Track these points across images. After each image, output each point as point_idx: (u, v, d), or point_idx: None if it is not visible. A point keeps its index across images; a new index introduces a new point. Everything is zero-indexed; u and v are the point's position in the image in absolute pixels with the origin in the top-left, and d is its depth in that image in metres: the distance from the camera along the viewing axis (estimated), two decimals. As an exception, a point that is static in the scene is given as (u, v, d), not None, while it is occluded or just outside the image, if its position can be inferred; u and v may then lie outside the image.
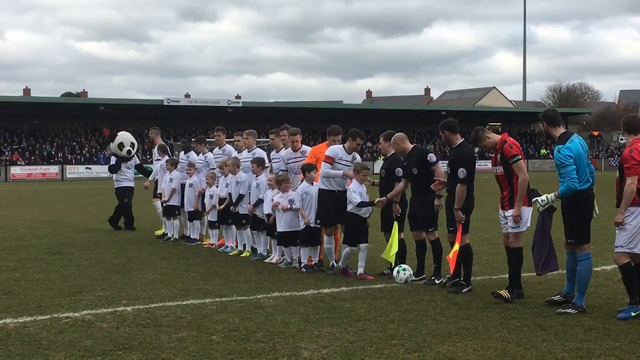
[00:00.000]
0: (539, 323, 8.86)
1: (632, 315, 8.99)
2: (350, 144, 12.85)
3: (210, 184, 16.04)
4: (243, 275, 12.39)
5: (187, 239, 17.06)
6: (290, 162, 13.99)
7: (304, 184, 13.12)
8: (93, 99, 78.92)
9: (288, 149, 14.15)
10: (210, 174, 16.29)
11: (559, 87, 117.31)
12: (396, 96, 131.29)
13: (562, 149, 9.65)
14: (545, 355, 7.48)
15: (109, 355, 7.65)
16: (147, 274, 12.54)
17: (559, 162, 9.65)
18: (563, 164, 9.60)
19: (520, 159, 10.25)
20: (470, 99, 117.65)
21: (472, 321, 8.98)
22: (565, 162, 9.58)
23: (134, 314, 9.52)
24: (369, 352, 7.65)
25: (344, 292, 10.85)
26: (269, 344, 8.00)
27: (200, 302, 10.19)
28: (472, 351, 7.65)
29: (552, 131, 10.00)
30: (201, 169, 17.01)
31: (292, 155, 14.00)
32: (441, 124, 11.39)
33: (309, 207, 12.94)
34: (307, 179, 13.11)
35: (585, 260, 9.72)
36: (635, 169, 9.08)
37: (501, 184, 10.45)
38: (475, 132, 10.69)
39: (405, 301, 10.18)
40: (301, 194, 13.01)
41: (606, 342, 7.99)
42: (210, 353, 7.68)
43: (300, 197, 12.99)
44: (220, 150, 16.69)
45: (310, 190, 13.00)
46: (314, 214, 12.86)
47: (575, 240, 9.71)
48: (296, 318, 9.19)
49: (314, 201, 12.90)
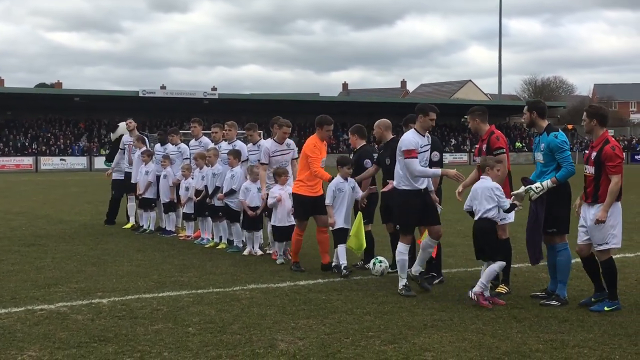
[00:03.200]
0: (514, 315, 8.92)
1: (605, 309, 9.06)
2: (425, 122, 10.47)
3: (186, 175, 15.99)
4: (219, 267, 12.36)
5: (163, 230, 16.99)
6: (277, 154, 13.53)
7: (337, 179, 11.80)
8: (68, 90, 78.23)
9: (271, 141, 13.75)
10: (185, 165, 16.24)
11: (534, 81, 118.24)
12: (372, 89, 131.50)
13: (559, 135, 9.75)
14: (520, 347, 7.53)
15: (84, 347, 7.61)
16: (123, 266, 12.49)
17: (555, 146, 9.70)
18: (561, 149, 9.70)
19: (503, 151, 10.31)
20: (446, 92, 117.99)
21: (448, 313, 9.02)
22: (563, 147, 9.72)
23: (110, 306, 9.48)
24: (345, 344, 7.67)
25: (320, 284, 10.86)
26: (245, 335, 8.00)
27: (177, 294, 10.16)
28: (447, 343, 7.69)
29: (539, 122, 10.04)
30: (174, 159, 16.95)
31: (278, 147, 13.59)
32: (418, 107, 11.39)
33: (340, 207, 11.75)
34: (342, 174, 11.80)
35: (564, 250, 9.81)
36: (620, 167, 9.13)
37: None
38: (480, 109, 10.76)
39: (381, 293, 10.22)
40: (334, 190, 11.71)
41: (580, 333, 8.06)
42: (187, 345, 7.67)
43: (332, 194, 11.71)
44: (197, 142, 16.65)
45: (344, 187, 11.76)
46: (344, 214, 11.74)
47: (557, 229, 9.78)
48: (272, 310, 9.19)
49: (348, 199, 11.78)
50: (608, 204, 9.07)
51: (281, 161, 13.49)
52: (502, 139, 10.48)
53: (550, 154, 9.78)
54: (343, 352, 7.38)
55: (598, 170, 9.18)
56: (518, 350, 7.41)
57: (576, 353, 7.33)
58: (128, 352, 7.43)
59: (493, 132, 10.49)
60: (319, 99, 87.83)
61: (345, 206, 11.75)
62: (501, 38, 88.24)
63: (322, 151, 12.17)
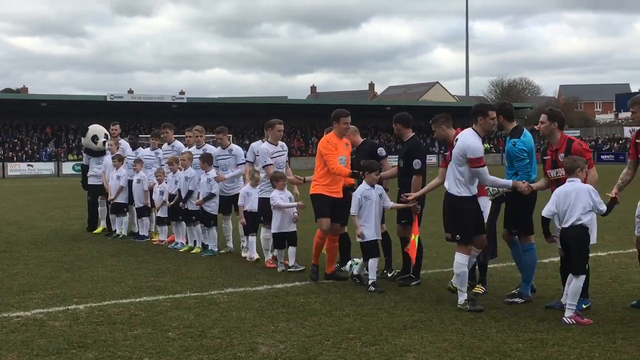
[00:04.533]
0: (492, 315, 8.96)
1: (583, 307, 9.14)
2: (486, 123, 9.71)
3: (160, 180, 15.90)
4: (195, 271, 12.31)
5: (136, 235, 16.88)
6: (274, 156, 13.05)
7: (364, 186, 10.88)
8: (34, 95, 77.68)
9: (266, 143, 13.22)
10: (159, 170, 16.16)
11: (500, 82, 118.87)
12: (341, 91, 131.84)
13: (518, 143, 9.83)
14: (501, 346, 7.57)
15: (63, 354, 7.54)
16: (98, 272, 12.39)
17: (514, 155, 9.79)
18: (518, 157, 9.79)
19: None
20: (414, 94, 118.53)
21: (427, 314, 9.05)
22: (520, 156, 9.80)
23: (87, 312, 9.40)
24: (327, 347, 7.66)
25: (297, 287, 10.85)
26: (225, 339, 7.97)
27: (154, 299, 10.10)
28: (428, 343, 7.72)
29: (506, 125, 10.11)
30: (151, 164, 16.87)
31: (275, 149, 13.16)
32: (395, 116, 11.47)
33: (368, 216, 10.81)
34: (369, 180, 10.87)
35: (530, 250, 9.90)
36: (592, 160, 9.26)
37: None
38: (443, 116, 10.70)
39: (359, 295, 10.23)
40: (359, 198, 10.77)
41: (559, 332, 8.12)
42: (167, 350, 7.62)
43: (358, 203, 10.78)
44: (170, 147, 16.61)
45: (371, 194, 10.80)
46: (373, 224, 10.82)
47: (519, 230, 9.86)
48: (251, 313, 9.16)
49: (375, 208, 10.83)
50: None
51: (278, 162, 13.09)
52: None
53: (510, 160, 9.91)
54: (325, 355, 7.37)
55: None
56: (498, 350, 7.44)
57: (556, 351, 7.38)
58: (108, 358, 7.37)
59: None
60: (287, 101, 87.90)
61: (374, 215, 10.79)
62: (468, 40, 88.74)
63: (337, 147, 11.41)
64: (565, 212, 8.80)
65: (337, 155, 11.33)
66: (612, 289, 10.44)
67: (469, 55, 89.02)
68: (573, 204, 8.75)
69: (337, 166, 11.22)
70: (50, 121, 72.81)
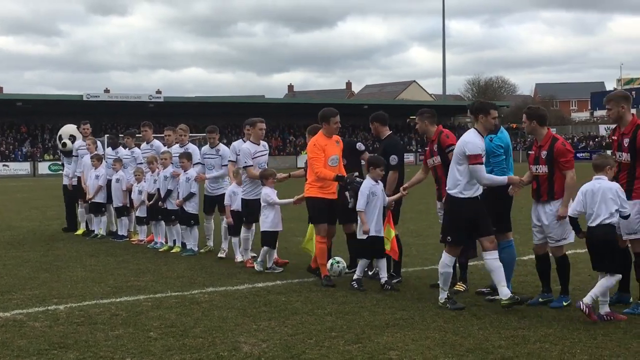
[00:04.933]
0: (474, 312, 8.99)
1: (564, 304, 9.19)
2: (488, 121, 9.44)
3: (139, 179, 15.82)
4: (175, 271, 12.26)
5: (115, 235, 16.79)
6: (256, 156, 12.87)
7: (369, 182, 10.67)
8: (10, 95, 76.87)
9: (248, 142, 13.03)
10: (138, 169, 16.07)
11: (477, 81, 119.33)
12: (318, 90, 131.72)
13: (495, 139, 9.92)
14: (483, 343, 7.59)
15: (44, 354, 7.48)
16: (77, 272, 12.31)
17: (490, 151, 9.83)
18: (494, 153, 9.88)
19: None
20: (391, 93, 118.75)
21: (409, 312, 9.06)
22: (497, 152, 9.90)
23: (67, 312, 9.33)
24: (309, 345, 7.65)
25: (278, 286, 10.83)
26: (208, 339, 7.94)
27: (134, 299, 10.05)
28: (411, 341, 7.73)
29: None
30: (128, 164, 16.77)
31: (257, 148, 12.99)
32: (372, 115, 11.52)
33: (372, 212, 10.56)
34: (375, 175, 10.67)
35: (509, 247, 9.95)
36: (572, 161, 9.30)
37: (438, 175, 10.56)
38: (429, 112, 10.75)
39: (341, 293, 10.22)
40: (368, 194, 10.53)
41: (540, 329, 8.16)
42: (149, 350, 7.58)
43: (366, 199, 10.51)
44: (148, 146, 16.51)
45: (377, 190, 10.62)
46: (376, 219, 10.58)
47: (498, 228, 9.89)
48: (233, 313, 9.14)
49: (380, 204, 10.62)
50: (567, 200, 9.19)
51: (260, 162, 12.90)
52: (452, 136, 10.58)
53: (486, 156, 9.92)
54: (308, 353, 7.36)
55: (551, 168, 9.29)
56: (481, 347, 7.47)
57: (538, 348, 7.41)
58: (90, 359, 7.33)
59: (442, 132, 10.59)
60: (265, 100, 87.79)
61: (377, 211, 10.57)
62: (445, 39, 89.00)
63: (326, 148, 11.03)
64: (592, 211, 8.59)
65: (326, 157, 11.01)
66: (592, 285, 10.47)
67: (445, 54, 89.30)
68: (600, 204, 8.53)
69: (321, 170, 10.95)
70: (26, 121, 72.27)
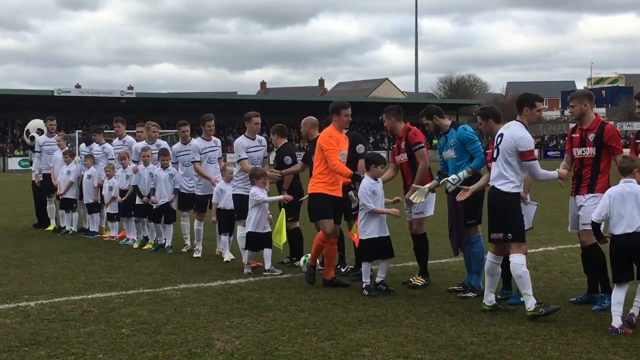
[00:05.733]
0: (446, 309, 9.03)
1: (521, 300, 9.22)
2: (533, 114, 8.97)
3: (110, 175, 15.71)
4: (147, 267, 12.21)
5: (86, 231, 16.67)
6: (250, 150, 12.56)
7: (368, 180, 10.23)
8: (-22, 90, 76.12)
9: (242, 136, 12.85)
10: (109, 165, 15.96)
11: (449, 79, 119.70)
12: (291, 87, 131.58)
13: (467, 127, 10.09)
14: (455, 340, 7.63)
15: (15, 351, 7.41)
16: (48, 268, 12.21)
17: (467, 139, 9.94)
18: (472, 140, 9.99)
19: (423, 146, 10.47)
20: (363, 90, 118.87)
21: (381, 309, 9.08)
22: (474, 138, 10.02)
23: (38, 308, 9.26)
24: (282, 342, 7.65)
25: (251, 283, 10.82)
26: (180, 335, 7.90)
27: (106, 296, 9.99)
28: (383, 338, 7.74)
29: (442, 122, 10.32)
30: (99, 159, 16.67)
31: (251, 143, 12.70)
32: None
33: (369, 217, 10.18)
34: (375, 174, 10.27)
35: (479, 241, 10.05)
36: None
37: (405, 172, 10.62)
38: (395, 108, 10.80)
39: (314, 290, 10.23)
40: (369, 193, 10.11)
41: (512, 325, 8.20)
42: (122, 346, 7.53)
43: (368, 198, 10.10)
44: (121, 142, 16.45)
45: (377, 188, 10.21)
46: (379, 220, 10.22)
47: (476, 220, 10.01)
48: (206, 309, 9.11)
49: (380, 202, 10.21)
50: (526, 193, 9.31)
51: (254, 158, 12.57)
52: (420, 134, 10.63)
53: (462, 147, 10.03)
54: (281, 350, 7.36)
55: None
56: (453, 344, 7.50)
57: (510, 345, 7.46)
58: (61, 355, 7.26)
59: (410, 129, 10.65)
60: (237, 97, 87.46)
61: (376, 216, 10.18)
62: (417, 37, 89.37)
63: (339, 142, 10.54)
64: (621, 216, 8.01)
65: (339, 150, 10.49)
66: (562, 282, 10.59)
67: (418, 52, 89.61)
68: (633, 208, 7.97)
69: (338, 164, 10.38)
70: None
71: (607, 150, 9.02)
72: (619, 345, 7.38)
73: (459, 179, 9.76)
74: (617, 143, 9.09)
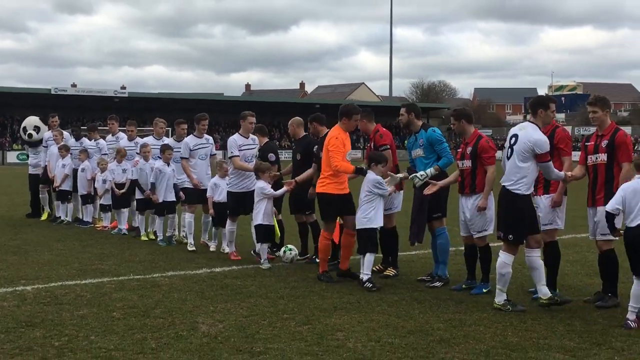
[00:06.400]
0: (415, 297, 9.06)
1: (483, 291, 9.31)
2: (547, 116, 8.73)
3: (103, 169, 15.63)
4: (137, 255, 12.15)
5: (80, 221, 16.57)
6: (243, 148, 12.24)
7: (373, 174, 9.92)
8: (-21, 87, 75.48)
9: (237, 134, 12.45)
10: (102, 159, 15.88)
11: (421, 84, 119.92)
12: (273, 89, 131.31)
13: (436, 130, 10.22)
14: (423, 326, 7.66)
15: (12, 332, 7.37)
16: (44, 255, 12.13)
17: (436, 140, 10.06)
18: (440, 141, 10.12)
19: (388, 148, 10.50)
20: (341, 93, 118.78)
21: (355, 296, 9.10)
22: (442, 140, 10.19)
23: (34, 293, 9.20)
24: (263, 326, 7.65)
25: (235, 271, 10.80)
26: (168, 319, 7.89)
27: (99, 281, 9.94)
28: (357, 323, 7.76)
29: (415, 122, 10.38)
30: (92, 154, 16.58)
31: (245, 141, 12.35)
32: (310, 117, 11.59)
33: (377, 205, 9.89)
34: (377, 172, 9.93)
35: (444, 233, 10.14)
36: (494, 158, 9.50)
37: None
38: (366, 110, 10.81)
39: (293, 278, 10.23)
40: (380, 182, 9.87)
41: (475, 313, 8.26)
42: (112, 328, 7.51)
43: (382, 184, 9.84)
44: (114, 138, 16.39)
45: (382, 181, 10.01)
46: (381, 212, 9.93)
47: (441, 214, 10.10)
48: (192, 295, 9.09)
49: (382, 199, 9.95)
50: (487, 192, 9.41)
51: (247, 155, 12.20)
52: (386, 136, 10.64)
53: (430, 147, 10.13)
54: (261, 333, 7.36)
55: (474, 162, 9.51)
56: (421, 329, 7.53)
57: (473, 330, 7.51)
58: (56, 337, 7.22)
59: (378, 131, 10.69)
60: (223, 98, 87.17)
61: (381, 206, 9.94)
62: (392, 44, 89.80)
63: (345, 144, 10.21)
64: (632, 210, 7.79)
65: (343, 152, 10.14)
66: (522, 274, 10.61)
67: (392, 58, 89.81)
68: None
69: (341, 164, 10.03)
70: (-5, 112, 71.00)
71: (557, 152, 9.02)
72: (573, 332, 7.46)
73: (427, 175, 9.88)
74: (566, 145, 9.11)
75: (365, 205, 9.83)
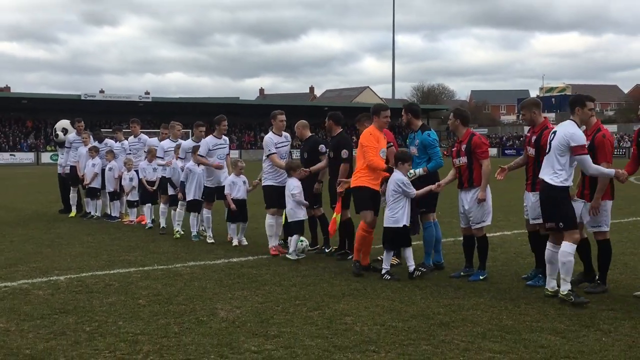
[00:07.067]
0: (416, 284, 9.05)
1: (480, 278, 9.29)
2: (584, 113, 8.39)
3: (129, 168, 15.71)
4: (161, 247, 12.19)
5: (109, 216, 16.64)
6: (278, 146, 11.93)
7: (399, 174, 9.64)
8: (16, 94, 75.97)
9: (269, 133, 12.12)
10: (128, 159, 15.95)
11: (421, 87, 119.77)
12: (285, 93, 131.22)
13: (431, 134, 10.22)
14: (425, 310, 7.66)
15: (47, 318, 7.41)
16: (75, 248, 12.18)
17: (429, 144, 10.05)
18: (432, 145, 10.12)
19: (391, 145, 10.49)
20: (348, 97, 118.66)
21: (361, 283, 9.10)
22: (434, 145, 10.18)
23: (67, 282, 9.24)
24: (277, 311, 7.66)
25: (250, 261, 10.82)
26: (189, 306, 7.91)
27: (126, 271, 9.97)
28: (363, 308, 7.77)
29: (414, 121, 10.35)
30: (118, 154, 16.65)
31: (279, 139, 12.02)
32: (329, 114, 11.56)
33: (404, 204, 9.59)
34: (402, 170, 9.66)
35: (430, 227, 10.15)
36: (487, 152, 9.51)
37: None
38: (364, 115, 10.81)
39: (304, 267, 10.24)
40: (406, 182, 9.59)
41: (472, 298, 8.25)
42: (139, 315, 7.54)
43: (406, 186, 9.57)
44: (136, 139, 16.49)
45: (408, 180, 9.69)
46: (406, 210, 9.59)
47: (427, 209, 10.12)
48: (211, 283, 9.11)
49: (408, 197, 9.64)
50: (484, 185, 9.38)
51: (282, 152, 11.90)
52: (388, 135, 10.60)
53: (423, 149, 10.13)
54: (275, 318, 7.37)
55: (470, 158, 9.48)
56: (423, 314, 7.53)
57: (471, 314, 7.50)
58: (87, 322, 7.25)
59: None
60: (239, 102, 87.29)
61: (407, 203, 9.61)
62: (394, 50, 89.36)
63: (379, 140, 9.98)
64: None
65: (378, 147, 9.93)
66: (517, 262, 10.63)
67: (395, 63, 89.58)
68: None
69: (374, 159, 9.81)
70: (31, 116, 71.21)
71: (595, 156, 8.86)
72: (564, 316, 7.44)
73: (415, 174, 9.90)
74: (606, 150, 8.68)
75: (393, 205, 9.58)
